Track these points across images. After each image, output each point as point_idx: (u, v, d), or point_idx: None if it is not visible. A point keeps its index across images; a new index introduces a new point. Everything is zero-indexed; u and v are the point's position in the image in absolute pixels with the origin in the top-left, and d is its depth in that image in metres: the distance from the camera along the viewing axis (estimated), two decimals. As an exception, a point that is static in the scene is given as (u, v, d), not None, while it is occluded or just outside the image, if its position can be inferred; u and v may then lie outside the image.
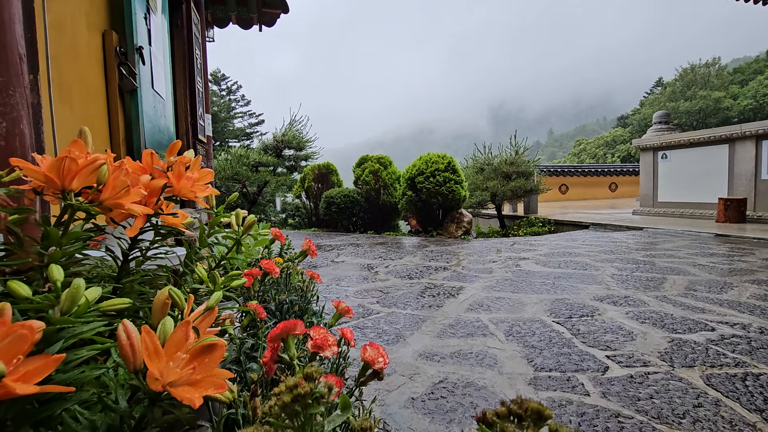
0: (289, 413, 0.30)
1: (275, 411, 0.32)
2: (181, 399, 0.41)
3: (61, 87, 1.86)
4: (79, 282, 0.47)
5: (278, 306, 1.15)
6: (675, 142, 8.99)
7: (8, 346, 0.34)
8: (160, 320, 0.55)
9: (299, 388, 0.31)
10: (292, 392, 0.30)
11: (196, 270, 0.72)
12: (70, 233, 0.61)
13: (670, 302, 2.87)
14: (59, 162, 0.57)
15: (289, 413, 0.30)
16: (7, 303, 0.39)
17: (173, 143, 0.86)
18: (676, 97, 38.00)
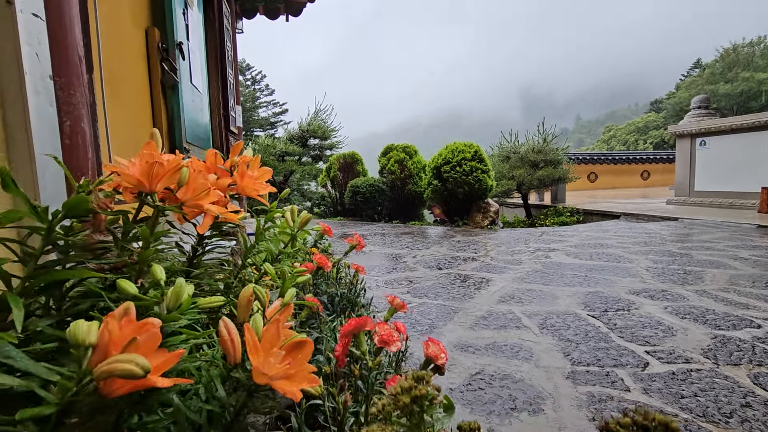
0: (406, 413, 0.33)
1: (388, 410, 0.34)
2: (284, 392, 0.44)
3: (111, 85, 1.94)
4: (181, 281, 0.51)
5: (330, 299, 1.20)
6: (715, 128, 8.57)
7: (144, 342, 0.38)
8: (245, 316, 0.59)
9: (416, 390, 0.33)
10: (410, 393, 0.33)
11: (266, 267, 0.76)
12: (156, 232, 0.66)
13: (711, 297, 2.79)
14: (150, 167, 0.61)
15: (407, 413, 0.33)
16: (131, 302, 0.43)
17: (236, 144, 0.90)
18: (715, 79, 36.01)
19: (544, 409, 1.50)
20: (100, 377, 0.35)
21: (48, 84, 1.33)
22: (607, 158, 17.03)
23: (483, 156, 7.08)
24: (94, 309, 0.58)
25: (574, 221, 8.92)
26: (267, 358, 0.47)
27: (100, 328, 0.40)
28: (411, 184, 8.14)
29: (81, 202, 0.55)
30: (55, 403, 0.35)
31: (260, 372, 0.43)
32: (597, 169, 16.73)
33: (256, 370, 0.44)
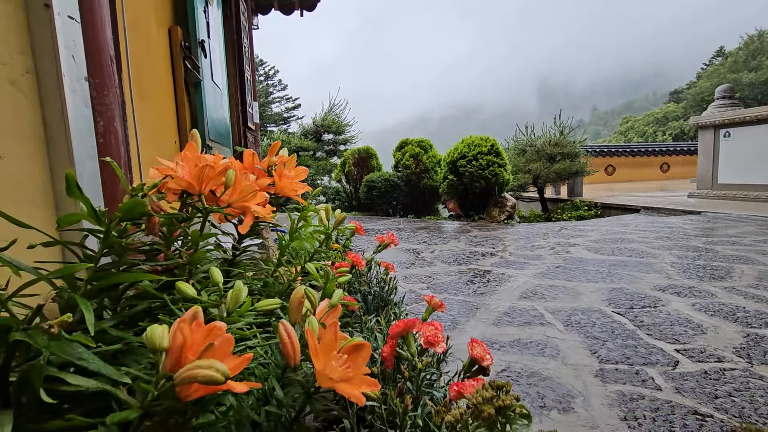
0: (489, 424, 0.33)
1: (465, 419, 0.34)
2: (348, 396, 0.44)
3: (138, 84, 1.96)
4: (240, 284, 0.52)
5: (363, 297, 1.20)
6: (740, 119, 8.31)
7: (220, 348, 0.39)
8: (297, 317, 0.60)
9: (499, 400, 0.33)
10: (494, 403, 0.33)
11: (308, 267, 0.76)
12: (205, 234, 0.66)
13: (741, 294, 2.71)
14: (200, 170, 0.61)
15: (490, 424, 0.33)
16: (199, 307, 0.44)
17: (274, 144, 0.90)
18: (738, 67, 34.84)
19: (575, 408, 1.49)
20: (182, 382, 0.35)
21: (84, 85, 1.35)
22: (625, 150, 16.68)
23: (499, 150, 7.00)
24: (150, 310, 0.59)
25: (592, 215, 8.77)
26: (329, 361, 0.47)
27: (172, 332, 0.41)
28: (426, 178, 8.11)
29: (137, 206, 0.56)
30: (137, 406, 0.36)
31: (325, 375, 0.44)
32: (614, 161, 16.40)
33: (320, 374, 0.44)
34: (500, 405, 0.32)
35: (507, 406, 0.33)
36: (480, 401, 0.33)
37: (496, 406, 0.32)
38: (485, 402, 0.33)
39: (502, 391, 0.34)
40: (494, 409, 0.32)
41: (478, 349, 0.69)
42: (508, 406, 0.33)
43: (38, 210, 1.03)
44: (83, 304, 0.46)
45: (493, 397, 0.33)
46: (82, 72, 1.33)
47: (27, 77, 1.15)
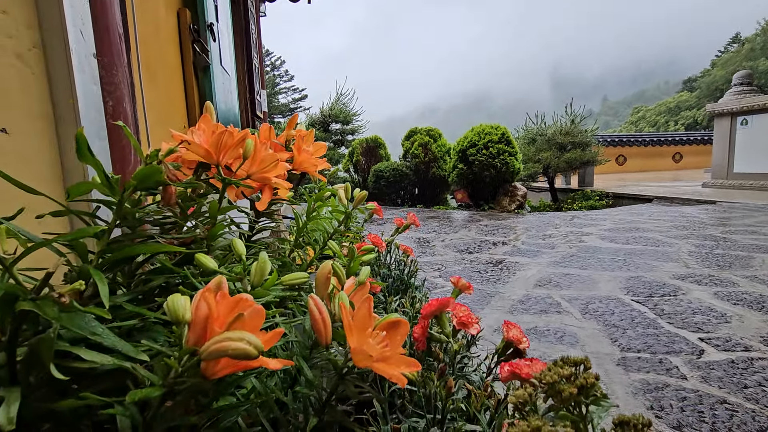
0: (568, 405, 0.28)
1: (533, 400, 0.30)
2: (388, 376, 0.40)
3: (147, 66, 1.92)
4: (264, 256, 0.47)
5: (383, 280, 1.16)
6: (759, 106, 8.08)
7: (250, 319, 0.34)
8: (324, 293, 0.55)
9: (581, 379, 0.28)
10: (575, 383, 0.28)
11: (331, 245, 0.72)
12: (223, 208, 0.62)
13: (764, 283, 2.63)
14: (218, 137, 0.57)
15: (569, 405, 0.28)
16: (223, 276, 0.40)
17: (292, 117, 0.85)
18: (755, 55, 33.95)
19: (598, 397, 1.44)
20: (209, 357, 0.31)
21: (92, 63, 1.31)
22: (636, 140, 16.39)
23: (510, 138, 6.89)
24: (167, 286, 0.55)
25: (603, 205, 8.64)
26: (364, 339, 0.43)
27: (195, 303, 0.37)
28: (435, 167, 8.02)
29: (153, 173, 0.51)
30: (160, 384, 0.32)
31: (363, 353, 0.39)
32: (626, 151, 16.13)
33: (357, 351, 0.40)
34: (582, 383, 0.28)
35: (590, 385, 0.28)
36: (557, 380, 0.28)
37: (578, 385, 0.28)
38: (564, 380, 0.28)
39: (581, 367, 0.30)
40: (576, 389, 0.28)
41: (515, 332, 0.64)
42: (591, 385, 0.28)
43: (47, 186, 1.00)
44: (96, 274, 0.42)
45: (572, 375, 0.29)
46: (90, 49, 1.29)
47: (34, 52, 1.10)
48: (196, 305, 0.37)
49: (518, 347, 0.65)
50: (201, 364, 0.34)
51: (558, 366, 0.30)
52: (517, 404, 0.31)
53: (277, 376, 0.57)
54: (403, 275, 1.22)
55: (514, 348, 0.66)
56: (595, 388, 0.28)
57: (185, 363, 0.33)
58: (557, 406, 0.28)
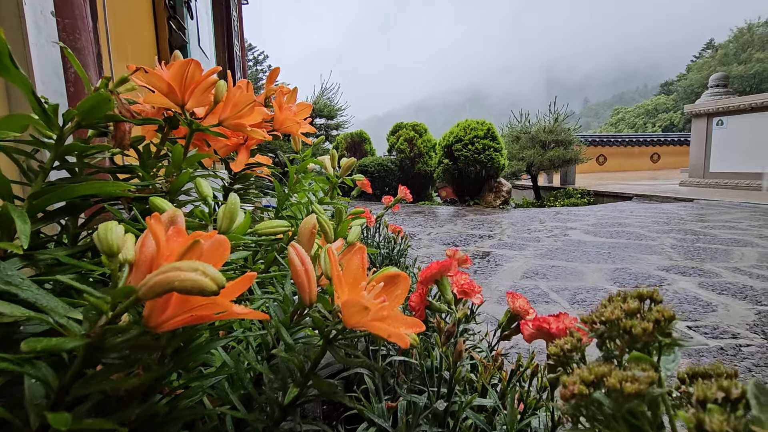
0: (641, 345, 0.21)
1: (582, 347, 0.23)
2: (388, 336, 0.32)
3: (117, 38, 1.79)
4: (235, 198, 0.39)
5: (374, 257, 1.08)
6: (734, 107, 8.31)
7: (210, 252, 0.26)
8: (308, 251, 0.47)
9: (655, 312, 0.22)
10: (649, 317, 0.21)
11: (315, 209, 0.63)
12: (190, 157, 0.53)
13: (745, 273, 2.66)
14: (183, 67, 0.48)
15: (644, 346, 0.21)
16: (178, 210, 0.31)
17: (272, 70, 0.77)
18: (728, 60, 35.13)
19: (591, 384, 1.40)
20: (150, 293, 0.23)
21: (50, 21, 1.19)
22: (616, 140, 16.72)
23: (496, 134, 6.89)
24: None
25: (585, 203, 8.75)
26: (358, 292, 0.35)
27: (140, 238, 0.28)
28: (420, 163, 7.98)
29: (101, 103, 0.42)
30: (82, 334, 0.24)
31: (356, 306, 0.31)
32: (606, 151, 16.44)
33: (348, 306, 0.32)
34: (658, 317, 0.21)
35: (668, 319, 0.21)
36: (621, 316, 0.21)
37: (652, 319, 0.21)
38: (631, 317, 0.21)
39: (647, 302, 0.23)
40: (651, 324, 0.21)
41: (521, 302, 0.58)
42: (669, 319, 0.21)
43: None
44: (15, 212, 0.33)
45: (639, 309, 0.22)
46: (47, 4, 1.17)
47: (-23, 0, 0.98)
48: (142, 240, 0.28)
49: (525, 319, 0.58)
50: (144, 311, 0.25)
51: (617, 301, 0.23)
52: (560, 356, 0.24)
53: (252, 349, 0.48)
54: (393, 254, 1.15)
55: (520, 321, 0.59)
56: (673, 324, 0.21)
57: (122, 306, 0.24)
58: (620, 352, 0.21)
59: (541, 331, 0.41)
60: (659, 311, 0.22)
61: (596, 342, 0.23)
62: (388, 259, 1.12)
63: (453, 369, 0.44)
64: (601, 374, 0.19)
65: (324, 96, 10.74)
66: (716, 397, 0.16)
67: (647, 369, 0.19)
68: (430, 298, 0.61)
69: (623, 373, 0.18)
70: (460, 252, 0.76)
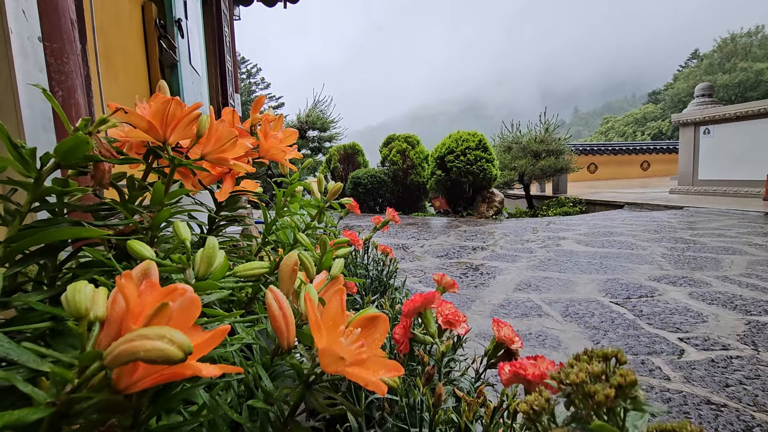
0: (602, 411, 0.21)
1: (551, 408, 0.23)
2: (365, 383, 0.32)
3: (107, 59, 1.80)
4: (213, 242, 0.39)
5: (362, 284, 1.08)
6: (719, 116, 8.47)
7: (180, 312, 0.26)
8: (289, 288, 0.47)
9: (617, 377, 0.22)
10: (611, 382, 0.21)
11: (300, 238, 0.63)
12: (171, 193, 0.53)
13: (734, 282, 2.69)
14: (164, 105, 0.48)
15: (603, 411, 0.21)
16: (152, 262, 0.31)
17: (257, 99, 0.77)
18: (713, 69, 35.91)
19: (584, 401, 1.39)
20: (116, 362, 0.22)
21: (37, 46, 1.19)
22: (607, 149, 16.94)
23: (487, 145, 6.95)
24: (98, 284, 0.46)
25: (577, 211, 8.82)
26: (336, 338, 0.35)
27: (112, 294, 0.28)
28: (413, 174, 8.01)
29: (79, 145, 0.42)
30: (46, 402, 0.23)
31: (332, 355, 0.31)
32: (597, 159, 16.64)
33: (325, 353, 0.32)
34: (620, 382, 0.21)
35: (630, 384, 0.21)
36: (585, 379, 0.22)
37: (615, 384, 0.21)
38: (596, 380, 0.21)
39: (612, 361, 0.23)
40: (613, 390, 0.21)
41: (506, 330, 0.58)
42: (631, 384, 0.21)
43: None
44: (-11, 263, 0.33)
45: (603, 372, 0.22)
46: (35, 31, 1.18)
47: (-37, 28, 0.99)
48: (113, 298, 0.28)
49: (510, 348, 0.59)
50: (112, 374, 0.25)
51: (583, 361, 0.23)
52: (530, 414, 0.24)
53: (233, 391, 0.48)
54: (382, 276, 1.15)
55: (506, 349, 0.59)
56: (635, 389, 0.22)
57: (89, 372, 0.24)
58: (585, 414, 0.21)
59: (517, 377, 0.41)
60: (622, 375, 0.22)
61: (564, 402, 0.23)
62: (378, 281, 1.12)
63: (433, 413, 0.44)
64: (564, 444, 0.19)
65: (317, 108, 10.80)
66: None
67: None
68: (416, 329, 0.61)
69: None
70: (448, 277, 0.76)
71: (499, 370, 0.43)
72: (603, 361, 0.24)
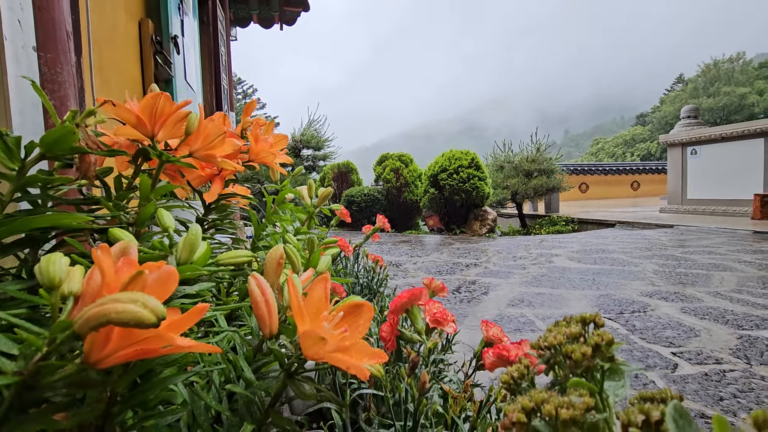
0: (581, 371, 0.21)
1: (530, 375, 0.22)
2: (347, 367, 0.32)
3: (101, 72, 1.81)
4: (196, 228, 0.39)
5: (350, 287, 1.07)
6: (706, 137, 8.68)
7: (156, 283, 0.26)
8: (275, 281, 0.47)
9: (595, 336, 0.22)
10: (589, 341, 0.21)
11: (288, 238, 0.63)
12: (158, 188, 0.53)
13: (726, 298, 2.70)
14: (153, 100, 0.49)
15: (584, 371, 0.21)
16: (131, 240, 0.31)
17: (249, 103, 0.78)
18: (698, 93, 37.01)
19: (578, 415, 1.37)
20: (85, 326, 0.22)
21: (31, 55, 1.21)
22: (597, 169, 17.21)
23: (480, 163, 7.03)
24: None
25: (570, 230, 8.88)
26: (318, 323, 0.35)
27: (89, 271, 0.28)
28: (407, 192, 8.05)
29: (65, 135, 0.43)
30: (13, 371, 0.23)
31: (313, 338, 0.31)
32: (588, 179, 16.88)
33: (306, 336, 0.31)
34: (597, 342, 0.21)
35: (608, 343, 0.21)
36: (563, 341, 0.21)
37: (592, 344, 0.21)
38: (573, 340, 0.21)
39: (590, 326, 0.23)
40: (590, 348, 0.21)
41: (494, 330, 0.57)
42: (609, 343, 0.21)
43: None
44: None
45: (580, 334, 0.22)
46: (29, 40, 1.19)
47: (-42, 34, 0.99)
48: (90, 274, 0.28)
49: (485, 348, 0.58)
50: (84, 345, 0.25)
51: (562, 325, 0.23)
52: (510, 383, 0.24)
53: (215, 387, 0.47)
54: (372, 283, 1.14)
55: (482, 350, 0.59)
56: (613, 348, 0.22)
57: (60, 339, 0.24)
58: (563, 376, 0.21)
59: (501, 359, 0.40)
60: (599, 335, 0.22)
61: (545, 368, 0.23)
62: (368, 289, 1.11)
63: (417, 401, 0.43)
64: (540, 401, 0.19)
65: (311, 127, 10.91)
66: (637, 422, 0.16)
67: (584, 394, 0.18)
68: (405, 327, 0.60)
69: (560, 399, 0.18)
70: (437, 281, 0.75)
71: (483, 356, 0.42)
72: (581, 324, 0.24)
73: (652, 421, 0.15)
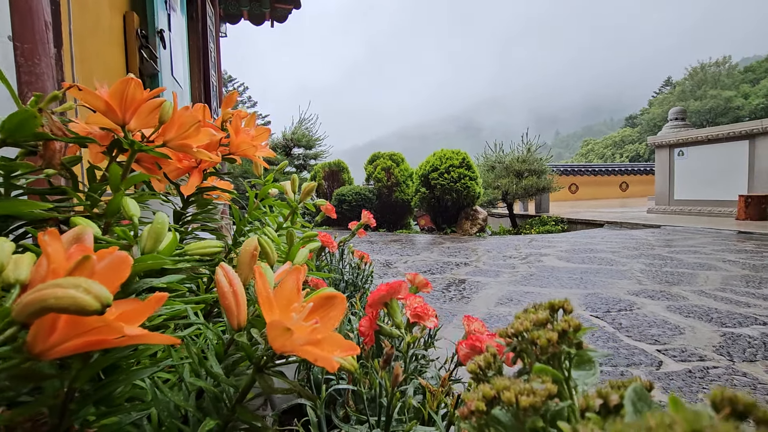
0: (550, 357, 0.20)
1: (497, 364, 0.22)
2: (315, 360, 0.31)
3: (83, 65, 1.77)
4: (163, 217, 0.37)
5: (333, 282, 1.06)
6: (692, 139, 8.81)
7: (106, 271, 0.24)
8: (248, 275, 0.46)
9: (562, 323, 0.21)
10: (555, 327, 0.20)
11: (267, 231, 0.62)
12: (130, 178, 0.51)
13: (710, 296, 2.74)
14: (123, 85, 0.47)
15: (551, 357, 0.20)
16: (90, 226, 0.29)
17: (230, 93, 0.76)
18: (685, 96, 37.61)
19: (563, 412, 1.37)
20: (22, 313, 0.20)
21: (6, 45, 1.17)
22: (587, 170, 17.39)
23: (471, 163, 7.06)
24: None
25: (559, 230, 8.96)
26: (287, 315, 0.33)
27: (39, 258, 0.26)
28: (398, 191, 8.05)
29: (27, 120, 0.41)
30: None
31: (280, 328, 0.30)
32: (578, 180, 17.04)
33: (274, 327, 0.30)
34: (563, 328, 0.20)
35: (574, 329, 0.20)
36: (529, 327, 0.21)
37: (558, 330, 0.20)
38: (539, 327, 0.20)
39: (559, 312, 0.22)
40: (556, 334, 0.20)
41: (476, 325, 0.57)
42: (576, 329, 0.20)
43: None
44: None
45: (548, 321, 0.21)
46: (4, 29, 1.16)
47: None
48: (38, 262, 0.26)
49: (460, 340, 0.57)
50: (28, 335, 0.23)
51: (530, 312, 0.23)
52: (478, 372, 0.23)
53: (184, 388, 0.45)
54: (357, 280, 1.12)
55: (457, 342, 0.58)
56: (580, 334, 0.21)
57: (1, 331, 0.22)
58: (529, 363, 0.20)
59: (474, 351, 0.40)
60: (566, 321, 0.21)
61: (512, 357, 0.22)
62: (353, 286, 1.10)
63: (390, 394, 0.41)
64: (501, 388, 0.18)
65: (302, 126, 10.85)
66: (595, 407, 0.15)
67: (547, 381, 0.18)
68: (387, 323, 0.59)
69: (522, 386, 0.17)
70: (421, 276, 0.74)
71: (458, 348, 0.41)
72: (549, 310, 0.23)
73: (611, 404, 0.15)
